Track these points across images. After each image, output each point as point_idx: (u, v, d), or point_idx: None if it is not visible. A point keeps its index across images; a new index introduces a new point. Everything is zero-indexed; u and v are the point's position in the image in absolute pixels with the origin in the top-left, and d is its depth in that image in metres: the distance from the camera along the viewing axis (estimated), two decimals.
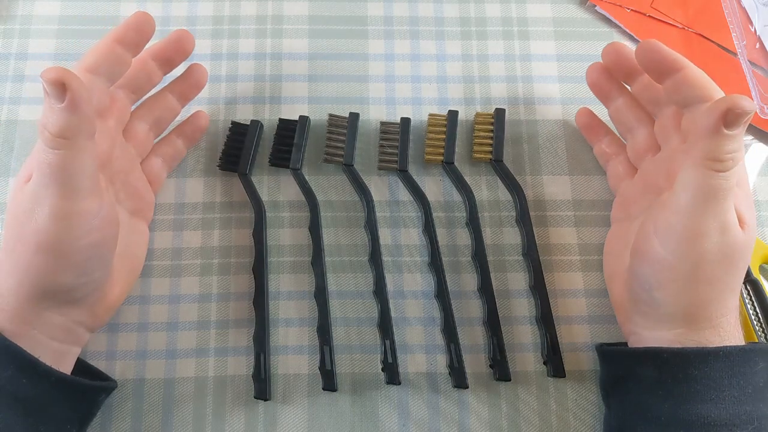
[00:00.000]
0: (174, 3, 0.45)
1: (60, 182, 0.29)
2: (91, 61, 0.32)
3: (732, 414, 0.30)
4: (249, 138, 0.41)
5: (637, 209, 0.36)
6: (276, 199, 0.41)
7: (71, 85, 0.27)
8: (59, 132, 0.28)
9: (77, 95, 0.27)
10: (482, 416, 0.37)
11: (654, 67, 0.34)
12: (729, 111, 0.28)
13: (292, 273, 0.39)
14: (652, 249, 0.32)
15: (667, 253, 0.31)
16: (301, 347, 0.38)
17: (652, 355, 0.32)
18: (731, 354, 0.31)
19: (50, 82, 0.27)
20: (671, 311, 0.32)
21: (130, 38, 0.33)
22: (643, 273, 0.33)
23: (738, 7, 0.45)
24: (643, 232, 0.33)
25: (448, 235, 0.40)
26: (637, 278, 0.33)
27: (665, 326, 0.33)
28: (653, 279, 0.32)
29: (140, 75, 0.36)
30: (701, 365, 0.31)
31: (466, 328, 0.39)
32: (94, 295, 0.33)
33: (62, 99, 0.27)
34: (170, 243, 0.40)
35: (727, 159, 0.29)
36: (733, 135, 0.29)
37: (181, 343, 0.38)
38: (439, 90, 0.44)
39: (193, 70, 0.39)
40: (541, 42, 0.45)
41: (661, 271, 0.32)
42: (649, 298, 0.33)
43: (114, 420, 0.36)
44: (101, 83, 0.32)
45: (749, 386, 0.30)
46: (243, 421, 0.37)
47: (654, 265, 0.32)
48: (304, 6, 0.45)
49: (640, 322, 0.34)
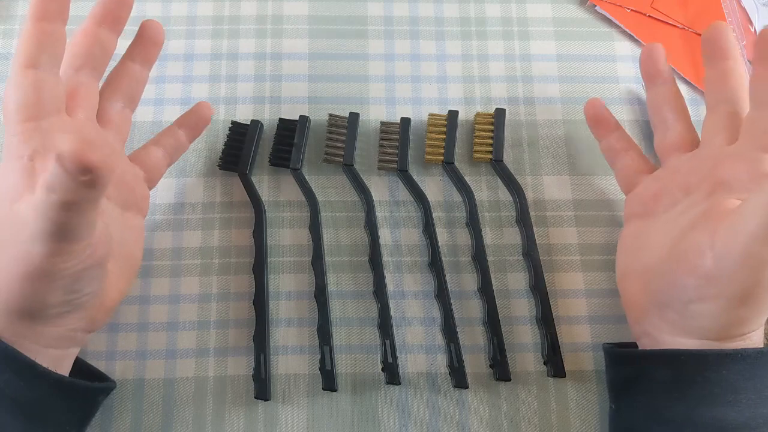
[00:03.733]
0: (174, 3, 0.45)
1: (59, 233, 0.26)
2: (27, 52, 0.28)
3: (748, 417, 0.29)
4: (249, 138, 0.41)
5: (660, 206, 0.34)
6: (276, 199, 0.41)
7: (98, 164, 0.24)
8: (71, 200, 0.25)
9: (103, 175, 0.24)
10: (482, 416, 0.37)
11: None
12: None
13: (292, 273, 0.39)
14: (703, 264, 0.30)
15: (721, 272, 0.29)
16: (301, 347, 0.38)
17: (669, 357, 0.31)
18: (749, 356, 0.30)
19: (81, 165, 0.23)
20: (706, 325, 0.31)
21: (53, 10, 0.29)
22: (686, 284, 0.31)
23: (738, 7, 0.45)
24: (695, 243, 0.31)
25: (448, 235, 0.40)
26: (676, 287, 0.31)
27: (693, 335, 0.31)
28: (696, 292, 0.30)
29: (95, 48, 0.32)
30: (719, 367, 0.30)
31: (466, 328, 0.39)
32: (90, 304, 0.30)
33: (86, 175, 0.24)
34: (170, 243, 0.40)
35: None
36: None
37: (181, 343, 0.38)
38: (439, 90, 0.43)
39: (145, 27, 0.35)
40: (541, 42, 0.45)
41: (707, 287, 0.30)
42: (683, 308, 0.31)
43: (114, 420, 0.36)
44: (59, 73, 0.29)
45: (766, 389, 0.30)
46: (243, 421, 0.37)
47: (701, 279, 0.30)
48: (304, 6, 0.45)
49: (662, 327, 0.32)
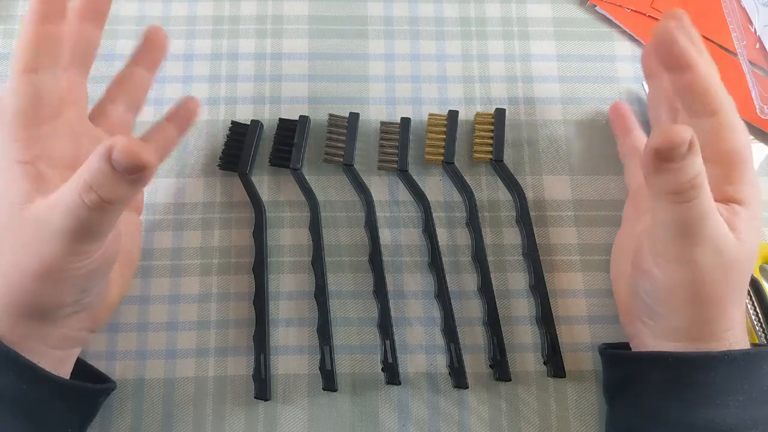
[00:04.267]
0: (174, 3, 0.45)
1: (84, 232, 0.27)
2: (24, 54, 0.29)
3: (738, 418, 0.30)
4: (249, 138, 0.41)
5: (643, 209, 0.35)
6: (276, 199, 0.41)
7: (150, 164, 0.25)
8: (112, 198, 0.26)
9: (150, 173, 0.26)
10: (482, 416, 0.37)
11: (664, 59, 0.31)
12: (657, 152, 0.26)
13: (292, 273, 0.39)
14: (649, 268, 0.31)
15: (663, 274, 0.30)
16: (301, 347, 0.38)
17: (658, 359, 0.32)
18: (736, 358, 0.30)
19: (134, 162, 0.25)
20: (674, 325, 0.31)
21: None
22: (644, 288, 0.32)
23: (738, 7, 0.45)
24: (641, 248, 0.32)
25: (448, 235, 0.40)
26: (638, 291, 0.33)
27: (668, 338, 0.32)
28: (653, 295, 0.32)
29: (80, 44, 0.32)
30: (706, 370, 0.30)
31: (466, 328, 0.39)
32: (96, 303, 0.31)
33: (135, 173, 0.25)
34: (170, 243, 0.40)
35: (686, 189, 0.27)
36: (679, 166, 0.27)
37: (181, 343, 0.38)
38: (439, 90, 0.43)
39: (150, 32, 0.35)
40: (541, 42, 0.45)
41: (659, 290, 0.31)
42: (650, 311, 0.32)
43: (114, 420, 0.36)
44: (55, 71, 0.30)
45: (754, 390, 0.30)
46: (243, 421, 0.37)
47: (653, 283, 0.31)
48: (304, 6, 0.45)
49: (643, 329, 0.33)
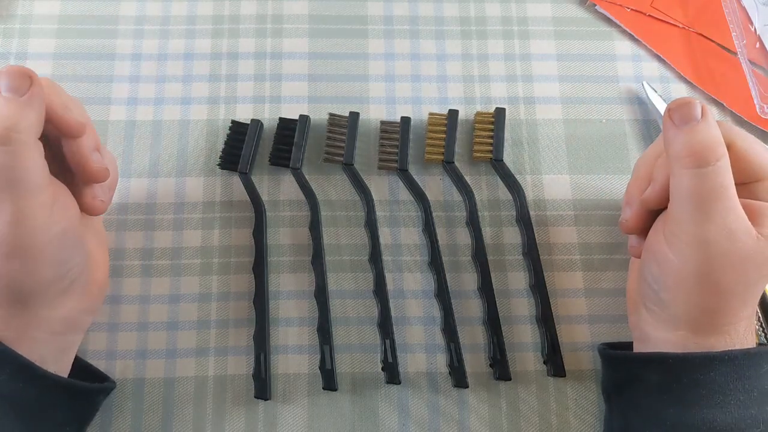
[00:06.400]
0: (174, 3, 0.45)
1: (13, 183, 0.28)
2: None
3: (738, 418, 0.30)
4: (249, 137, 0.41)
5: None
6: (276, 199, 0.41)
7: (35, 77, 0.28)
8: (14, 126, 0.27)
9: (38, 89, 0.28)
10: (482, 415, 0.37)
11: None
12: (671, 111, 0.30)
13: (292, 272, 0.39)
14: (660, 250, 0.31)
15: (675, 256, 0.31)
16: (301, 347, 0.38)
17: (657, 360, 0.32)
18: (736, 358, 0.30)
19: (19, 73, 0.28)
20: (676, 313, 0.32)
21: None
22: (652, 272, 0.32)
23: (738, 7, 0.45)
24: (655, 230, 0.33)
25: (448, 234, 0.40)
26: (646, 276, 0.33)
27: (670, 327, 0.32)
28: (661, 280, 0.32)
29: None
30: (706, 370, 0.30)
31: (466, 327, 0.39)
32: (82, 278, 0.32)
33: (24, 92, 0.28)
34: (170, 242, 0.40)
35: (699, 151, 0.29)
36: (692, 128, 0.29)
37: (181, 342, 0.38)
38: (439, 89, 0.43)
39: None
40: (541, 41, 0.45)
41: (668, 274, 0.31)
42: (656, 297, 0.32)
43: (114, 420, 0.36)
44: None
45: (755, 390, 0.30)
46: (243, 420, 0.37)
47: (662, 266, 0.31)
48: (304, 5, 0.45)
49: (647, 319, 0.34)
